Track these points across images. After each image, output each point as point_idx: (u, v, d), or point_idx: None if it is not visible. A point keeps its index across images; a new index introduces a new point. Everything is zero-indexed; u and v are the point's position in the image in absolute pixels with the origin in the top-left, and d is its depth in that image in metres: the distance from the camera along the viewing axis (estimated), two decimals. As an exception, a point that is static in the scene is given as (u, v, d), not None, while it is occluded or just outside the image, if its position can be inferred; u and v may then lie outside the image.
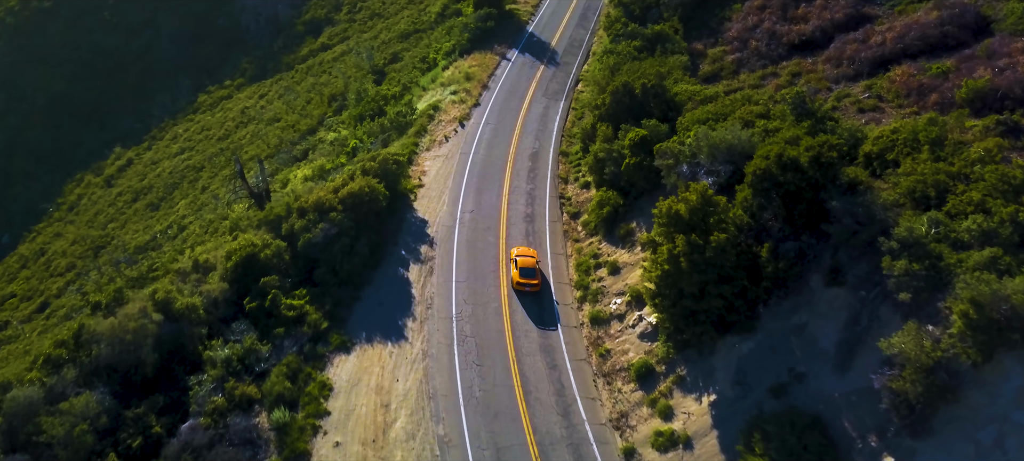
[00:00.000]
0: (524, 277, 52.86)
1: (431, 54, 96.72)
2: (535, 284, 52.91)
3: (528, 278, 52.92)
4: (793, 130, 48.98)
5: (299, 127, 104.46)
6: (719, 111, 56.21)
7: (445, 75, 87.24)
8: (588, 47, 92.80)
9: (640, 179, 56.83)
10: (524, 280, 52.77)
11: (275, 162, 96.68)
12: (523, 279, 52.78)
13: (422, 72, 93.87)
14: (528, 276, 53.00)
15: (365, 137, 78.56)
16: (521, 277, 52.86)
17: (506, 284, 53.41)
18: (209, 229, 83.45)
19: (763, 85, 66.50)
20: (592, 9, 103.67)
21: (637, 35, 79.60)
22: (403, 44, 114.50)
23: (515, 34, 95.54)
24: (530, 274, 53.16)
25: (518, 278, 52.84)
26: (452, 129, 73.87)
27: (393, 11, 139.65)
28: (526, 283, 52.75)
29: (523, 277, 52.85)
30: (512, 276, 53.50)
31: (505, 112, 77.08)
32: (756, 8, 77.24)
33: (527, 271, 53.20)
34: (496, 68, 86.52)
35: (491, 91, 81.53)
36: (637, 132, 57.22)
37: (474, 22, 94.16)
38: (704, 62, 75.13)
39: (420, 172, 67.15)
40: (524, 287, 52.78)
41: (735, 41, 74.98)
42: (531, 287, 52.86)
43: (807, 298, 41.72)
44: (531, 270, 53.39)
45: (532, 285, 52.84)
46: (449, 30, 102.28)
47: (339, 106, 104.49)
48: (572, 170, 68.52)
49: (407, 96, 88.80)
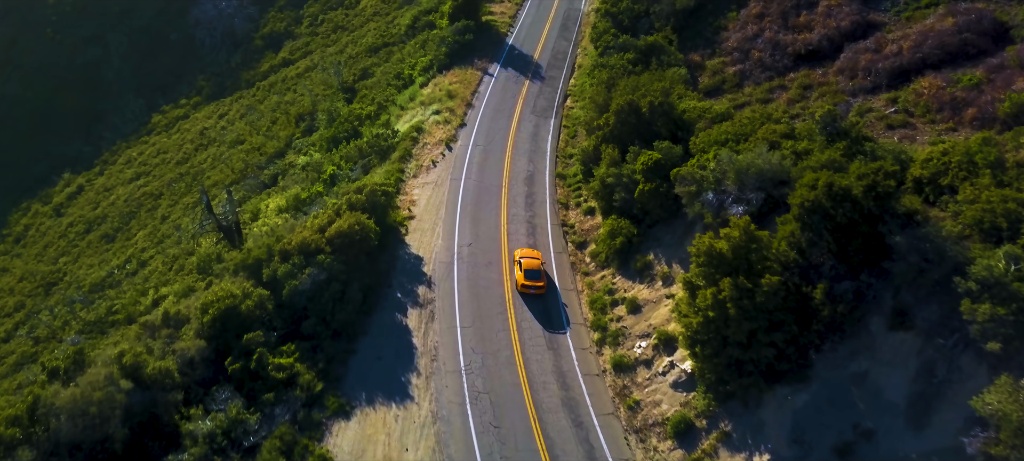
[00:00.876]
0: (529, 279, 51.25)
1: (406, 70, 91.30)
2: (540, 286, 51.26)
3: (533, 280, 51.28)
4: (828, 152, 44.93)
5: (265, 150, 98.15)
6: (738, 131, 52.00)
7: (424, 93, 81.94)
8: (573, 60, 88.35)
9: (656, 207, 52.34)
10: (529, 282, 51.16)
11: (242, 189, 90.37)
12: (528, 281, 51.16)
13: (398, 89, 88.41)
14: (533, 278, 51.35)
15: (343, 163, 72.87)
16: (526, 279, 51.23)
17: (516, 328, 48.40)
18: (174, 266, 76.92)
19: (772, 99, 62.69)
20: (572, 19, 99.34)
21: (629, 47, 75.34)
22: (372, 59, 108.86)
23: (495, 47, 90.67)
24: (535, 276, 51.51)
25: (523, 280, 51.16)
26: (439, 153, 68.65)
27: (358, 24, 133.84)
28: (531, 285, 51.11)
29: (528, 279, 51.24)
30: (516, 279, 51.80)
31: (494, 132, 72.13)
32: (754, 16, 73.58)
33: (532, 273, 51.56)
34: (479, 84, 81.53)
35: (476, 110, 76.51)
36: (650, 155, 52.73)
37: (451, 36, 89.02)
38: (703, 75, 71.21)
39: (409, 202, 61.80)
40: (529, 289, 51.13)
41: (735, 52, 71.17)
42: (536, 289, 51.20)
43: (866, 343, 37.51)
44: (536, 272, 51.77)
45: (537, 287, 51.17)
46: (423, 44, 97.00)
47: (308, 126, 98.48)
48: (572, 194, 63.81)
49: (384, 116, 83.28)
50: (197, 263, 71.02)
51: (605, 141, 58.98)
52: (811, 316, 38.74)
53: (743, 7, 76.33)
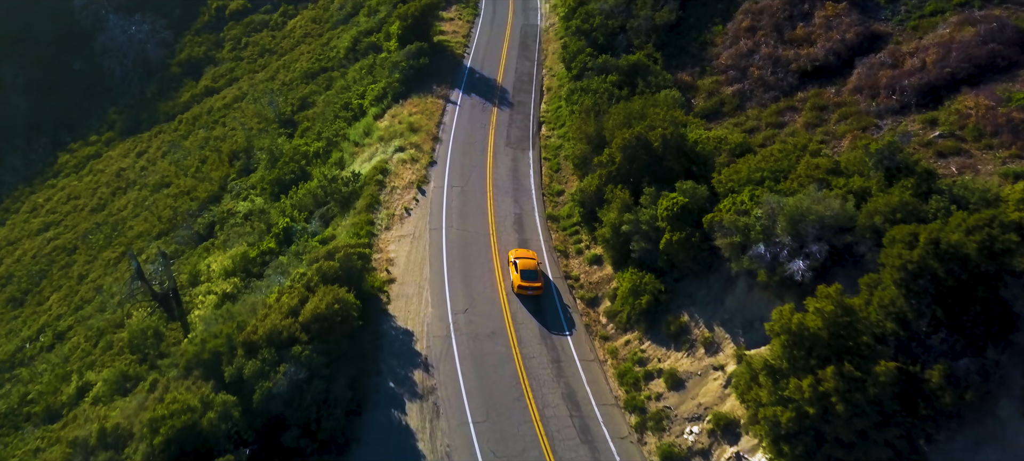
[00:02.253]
0: (526, 279, 49.78)
1: (354, 99, 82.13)
2: (538, 287, 49.86)
3: (531, 281, 49.82)
4: (896, 193, 38.60)
5: (197, 194, 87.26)
6: (773, 167, 45.35)
7: (381, 126, 73.08)
8: (539, 82, 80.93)
9: (686, 259, 45.18)
10: (527, 283, 49.68)
11: (173, 241, 79.55)
12: (525, 282, 49.68)
13: (348, 122, 79.18)
14: (531, 279, 49.90)
15: (297, 213, 63.42)
16: (523, 280, 49.74)
17: (539, 418, 40.40)
18: (100, 342, 65.89)
19: (784, 122, 56.55)
20: (531, 36, 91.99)
21: (611, 68, 68.32)
22: (311, 86, 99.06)
23: (453, 71, 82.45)
24: (532, 276, 50.07)
25: (520, 281, 49.68)
26: (411, 198, 60.04)
27: (288, 46, 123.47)
28: (528, 286, 49.68)
29: (525, 279, 49.77)
30: (513, 280, 50.35)
31: (469, 170, 63.93)
32: (744, 30, 67.63)
33: (529, 273, 50.09)
34: (442, 115, 73.16)
35: (445, 144, 68.15)
36: (675, 199, 45.59)
37: (405, 60, 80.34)
38: (697, 96, 64.75)
39: (386, 260, 53.04)
40: (527, 291, 49.78)
41: (730, 70, 64.97)
42: (533, 290, 49.80)
43: (994, 432, 31.08)
44: (533, 272, 50.33)
45: (535, 288, 49.77)
46: (370, 70, 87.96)
47: (244, 166, 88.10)
48: (569, 240, 56.23)
49: (335, 153, 74.02)
50: (129, 340, 60.54)
51: (611, 181, 51.61)
52: (919, 401, 32.07)
53: (728, 20, 70.44)
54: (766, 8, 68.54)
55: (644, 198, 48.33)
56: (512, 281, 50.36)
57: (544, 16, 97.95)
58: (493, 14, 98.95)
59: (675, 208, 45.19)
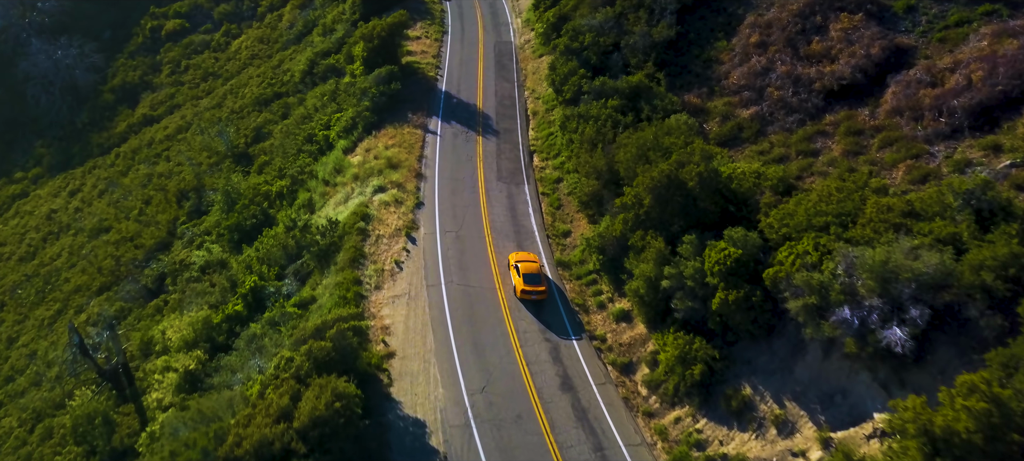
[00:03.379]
0: (530, 284, 47.67)
1: (318, 130, 74.09)
2: (542, 291, 47.84)
3: (534, 285, 47.72)
4: (1003, 242, 32.96)
5: (142, 240, 77.99)
6: (836, 209, 39.37)
7: (354, 162, 65.36)
8: (523, 105, 74.22)
9: (744, 321, 38.88)
10: (530, 288, 47.60)
11: (118, 298, 70.36)
12: (528, 287, 47.59)
13: (313, 157, 71.16)
14: (534, 283, 47.78)
15: (267, 269, 55.32)
16: (526, 284, 47.62)
17: (593, 528, 33.51)
18: (38, 428, 56.59)
19: (817, 149, 50.90)
20: (506, 55, 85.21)
21: (610, 91, 61.98)
22: (264, 115, 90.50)
23: (427, 96, 75.12)
24: (536, 280, 47.94)
25: (523, 286, 47.60)
26: (400, 248, 52.56)
27: (234, 69, 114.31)
28: (532, 291, 47.64)
29: (528, 284, 47.64)
30: (516, 285, 48.18)
31: (461, 211, 56.77)
32: (754, 45, 62.05)
33: (532, 277, 47.95)
34: (422, 147, 65.78)
35: (430, 181, 60.81)
36: (726, 251, 39.28)
37: (374, 86, 72.64)
38: (710, 121, 58.80)
39: (381, 328, 45.49)
40: (531, 295, 47.69)
41: (744, 90, 59.24)
42: (538, 295, 47.75)
43: None
44: (537, 276, 48.14)
45: (539, 293, 47.75)
46: (332, 96, 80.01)
47: (195, 207, 79.21)
48: (587, 293, 49.54)
49: (303, 194, 65.99)
50: (73, 428, 51.65)
51: (640, 226, 45.06)
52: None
53: (732, 35, 64.85)
54: (774, 21, 63.13)
55: (684, 247, 41.91)
56: (514, 286, 48.17)
57: (516, 32, 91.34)
58: (462, 31, 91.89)
59: (728, 261, 38.86)
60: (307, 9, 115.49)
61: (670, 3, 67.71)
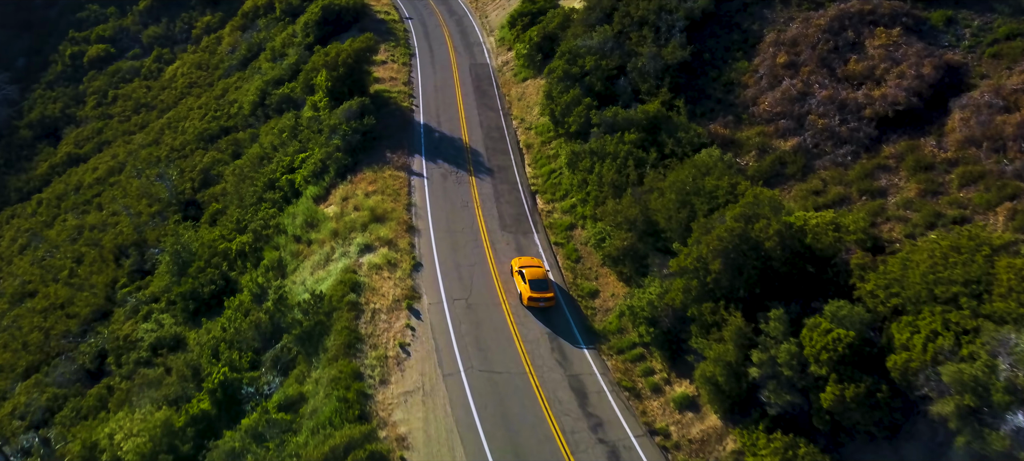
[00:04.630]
0: (536, 291, 45.14)
1: (281, 174, 64.54)
2: (550, 298, 45.30)
3: (541, 291, 45.23)
4: None
5: (75, 308, 67.16)
6: (963, 276, 32.40)
7: (330, 213, 56.29)
8: (514, 137, 66.17)
9: (864, 420, 31.56)
10: (537, 294, 45.06)
11: (49, 384, 59.61)
12: (535, 293, 45.07)
13: (279, 207, 61.65)
14: (541, 289, 45.27)
15: (237, 357, 45.86)
16: (533, 291, 45.11)
17: None
18: None
19: (882, 188, 44.28)
20: (484, 79, 77.00)
21: (625, 122, 54.46)
22: (211, 153, 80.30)
23: (405, 130, 66.38)
24: (543, 287, 45.44)
25: (530, 292, 45.06)
26: (403, 326, 43.85)
27: (169, 99, 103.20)
28: (540, 297, 45.12)
29: (535, 291, 45.12)
30: (521, 293, 45.76)
31: (468, 272, 48.41)
32: (783, 66, 55.36)
33: (539, 283, 45.44)
34: (409, 193, 57.09)
35: (424, 236, 52.19)
36: (834, 333, 31.94)
37: (344, 122, 63.48)
38: (744, 154, 51.78)
39: (395, 439, 36.68)
40: (538, 302, 45.22)
41: (780, 118, 52.42)
42: (545, 302, 45.27)
43: None
44: (544, 282, 45.72)
45: (547, 300, 45.25)
46: (292, 132, 70.48)
47: (137, 265, 68.82)
48: (635, 370, 41.69)
49: (269, 252, 56.53)
50: None
51: (707, 296, 37.40)
52: None
53: (753, 54, 58.12)
54: (800, 38, 56.60)
55: (772, 325, 34.45)
56: (521, 293, 45.62)
57: (491, 52, 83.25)
58: (430, 53, 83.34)
59: (838, 347, 31.51)
60: (250, 31, 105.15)
61: (678, 20, 60.65)
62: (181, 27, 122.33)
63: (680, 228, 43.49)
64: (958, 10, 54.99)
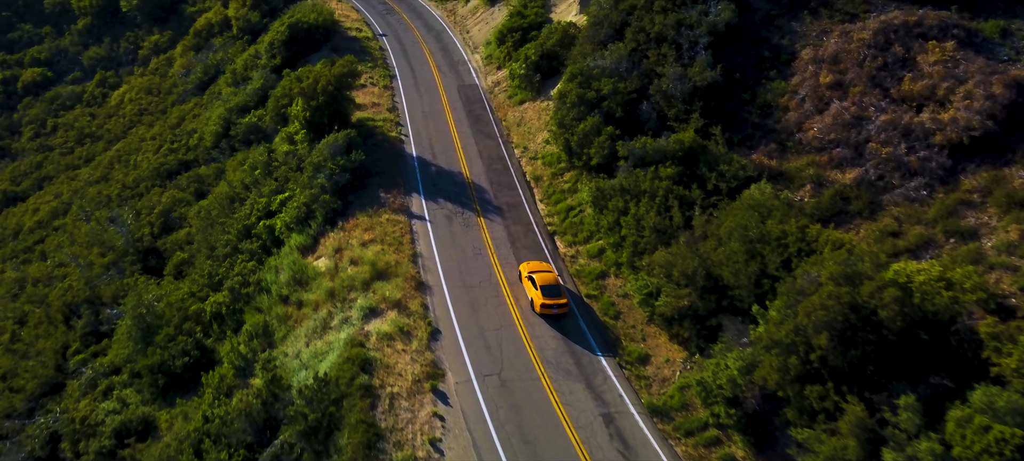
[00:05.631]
0: (549, 297, 42.78)
1: (258, 219, 56.76)
2: (564, 304, 43.07)
3: (554, 298, 42.88)
4: None
5: (20, 381, 58.56)
6: None
7: (321, 267, 48.92)
8: (518, 169, 59.53)
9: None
10: (550, 301, 42.70)
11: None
12: (548, 300, 42.70)
13: (258, 258, 53.89)
14: (554, 296, 42.96)
15: (226, 458, 38.20)
16: (545, 297, 42.79)
17: None
18: None
19: (974, 229, 38.78)
20: (476, 101, 70.18)
21: (656, 154, 48.24)
22: (171, 192, 71.91)
23: (397, 165, 59.18)
24: (556, 292, 43.20)
25: (542, 299, 42.73)
26: (430, 415, 36.75)
27: (117, 129, 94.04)
28: (553, 304, 42.77)
29: (548, 297, 42.78)
30: (533, 300, 43.35)
31: (494, 339, 41.56)
32: (826, 86, 49.77)
33: (551, 289, 43.19)
34: (413, 241, 49.96)
35: (436, 293, 45.15)
36: (997, 431, 25.98)
37: (330, 159, 55.99)
38: (797, 188, 45.85)
39: None
40: (552, 309, 42.82)
41: (834, 146, 46.72)
42: (559, 308, 42.97)
43: None
44: (556, 288, 43.50)
45: (561, 306, 42.98)
46: (265, 169, 62.61)
47: (91, 326, 60.32)
48: (712, 456, 35.25)
49: (252, 316, 48.82)
50: None
51: (812, 376, 31.19)
52: None
53: (789, 74, 52.49)
54: (842, 54, 51.12)
55: (903, 416, 28.36)
56: (532, 301, 43.27)
57: (479, 71, 76.47)
58: (413, 74, 76.19)
59: (1006, 451, 25.54)
60: (205, 52, 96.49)
61: (701, 35, 54.70)
62: (126, 48, 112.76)
63: (750, 283, 37.38)
64: (1011, 20, 50.23)
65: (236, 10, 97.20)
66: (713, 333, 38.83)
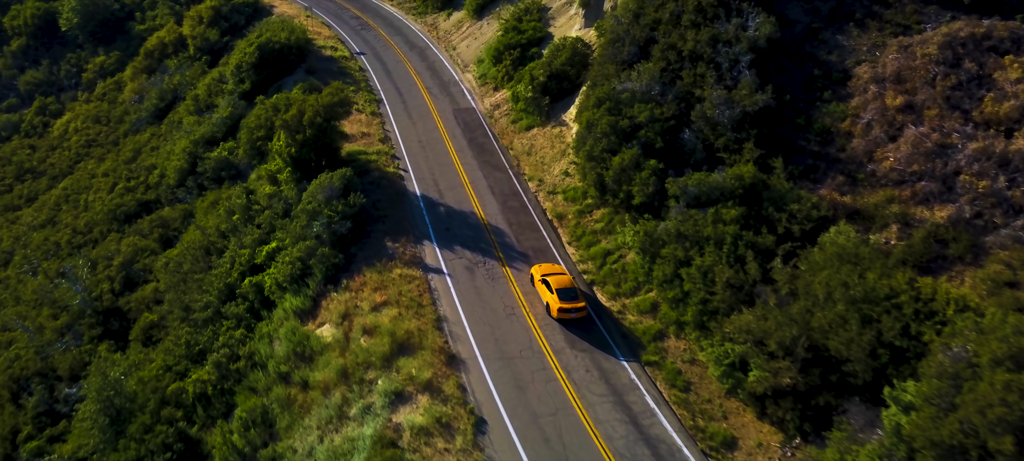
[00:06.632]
0: (566, 300, 40.23)
1: (245, 279, 48.92)
2: (582, 308, 40.57)
3: (572, 301, 40.33)
4: None
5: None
6: None
7: (325, 337, 41.54)
8: (535, 204, 52.89)
9: None
10: (568, 305, 40.12)
11: None
12: (566, 303, 40.12)
13: (247, 324, 46.14)
14: (571, 299, 40.40)
15: None
16: (562, 300, 40.20)
17: None
18: None
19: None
20: (476, 127, 63.28)
21: (713, 191, 42.11)
22: (132, 238, 63.49)
23: (399, 206, 51.99)
24: (573, 296, 40.63)
25: (559, 303, 40.17)
26: (493, 539, 29.78)
27: (63, 163, 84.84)
28: (571, 308, 40.19)
29: (565, 300, 40.21)
30: (549, 304, 40.71)
31: (555, 433, 34.69)
32: (896, 109, 44.22)
33: (568, 292, 40.67)
34: (434, 302, 42.86)
35: (473, 370, 38.16)
36: None
37: (324, 204, 48.48)
38: (877, 228, 40.05)
39: None
40: (570, 313, 40.31)
41: (916, 178, 41.17)
42: (577, 312, 40.48)
43: None
44: (573, 291, 40.91)
45: (578, 310, 40.47)
46: (244, 214, 54.75)
47: (45, 405, 51.89)
48: None
49: (246, 398, 41.11)
50: None
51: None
52: None
53: (843, 94, 46.86)
54: (906, 71, 45.72)
55: None
56: (548, 305, 41.04)
57: (473, 93, 69.58)
58: (401, 97, 68.94)
59: None
60: (159, 74, 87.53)
61: (743, 53, 48.78)
62: (68, 71, 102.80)
63: (866, 356, 31.35)
64: (1085, 30, 45.47)
65: (192, 28, 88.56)
66: (820, 415, 32.71)
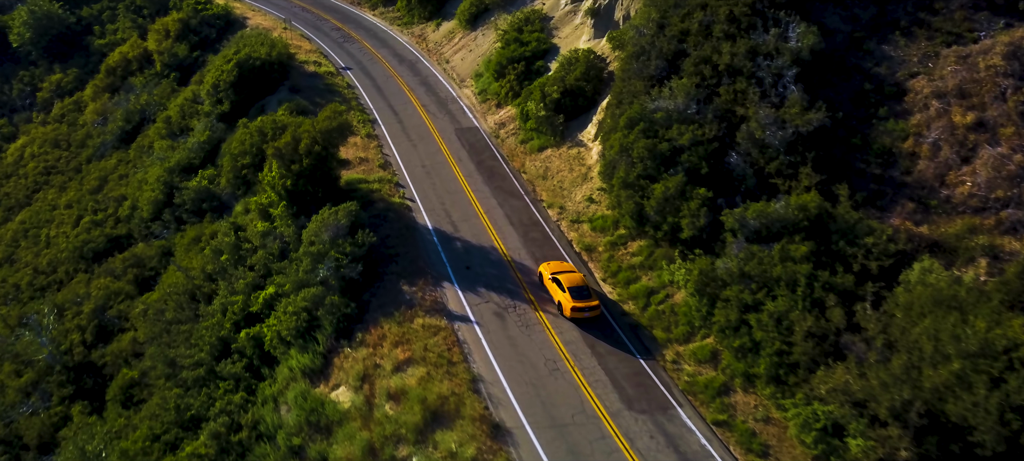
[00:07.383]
0: (578, 299, 39.32)
1: (240, 332, 43.27)
2: (595, 306, 39.59)
3: (585, 300, 39.41)
4: None
5: None
6: None
7: (342, 403, 36.26)
8: (562, 236, 48.11)
9: None
10: (581, 303, 39.17)
11: None
12: (578, 302, 39.19)
13: (246, 386, 40.52)
14: (584, 297, 39.52)
15: None
16: (574, 299, 39.28)
17: None
18: None
19: None
20: (484, 150, 58.26)
21: (775, 224, 37.74)
22: (102, 280, 57.39)
23: (411, 242, 46.77)
24: (585, 294, 39.74)
25: (572, 302, 39.17)
26: None
27: (19, 193, 78.31)
28: (584, 307, 39.19)
29: (577, 299, 39.30)
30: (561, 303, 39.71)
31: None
32: (967, 127, 40.34)
33: (581, 291, 39.80)
34: (466, 358, 37.75)
35: (521, 443, 33.11)
36: None
37: (330, 245, 43.10)
38: (961, 262, 36.07)
39: None
40: (583, 313, 39.23)
41: (1000, 205, 37.44)
42: (590, 311, 39.41)
43: None
44: (585, 289, 40.03)
45: (592, 309, 39.42)
46: (235, 253, 49.04)
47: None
48: None
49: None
50: None
51: None
52: None
53: (900, 110, 42.90)
54: (970, 85, 41.92)
55: None
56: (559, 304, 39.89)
57: (474, 110, 64.57)
58: (396, 116, 63.62)
59: None
60: (124, 94, 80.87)
61: (786, 66, 44.58)
62: (21, 90, 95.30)
63: (991, 418, 27.13)
64: None
65: (158, 43, 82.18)
66: (942, 491, 28.42)
